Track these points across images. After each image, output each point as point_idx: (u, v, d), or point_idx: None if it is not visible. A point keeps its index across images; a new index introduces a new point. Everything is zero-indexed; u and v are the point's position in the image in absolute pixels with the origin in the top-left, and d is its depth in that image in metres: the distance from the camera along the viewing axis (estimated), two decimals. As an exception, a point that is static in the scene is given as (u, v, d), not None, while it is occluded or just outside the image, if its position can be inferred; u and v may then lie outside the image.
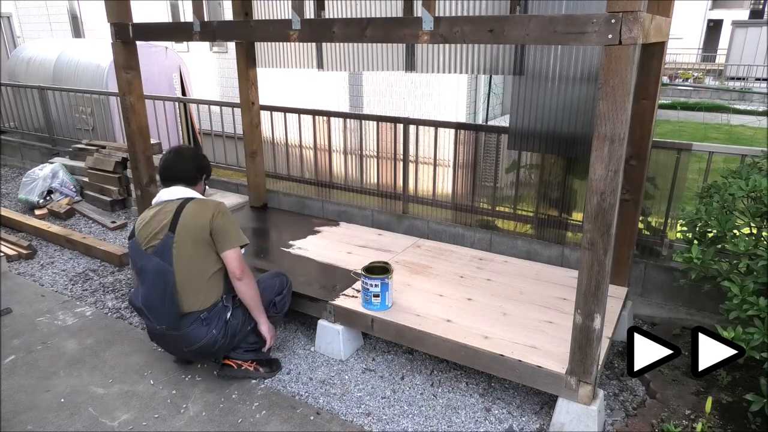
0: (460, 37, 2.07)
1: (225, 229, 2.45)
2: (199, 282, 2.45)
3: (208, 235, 2.43)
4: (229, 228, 2.47)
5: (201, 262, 2.45)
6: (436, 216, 4.10)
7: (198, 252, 2.44)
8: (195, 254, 2.43)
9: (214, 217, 2.44)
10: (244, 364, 2.69)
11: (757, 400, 2.16)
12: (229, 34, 3.00)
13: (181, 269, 2.41)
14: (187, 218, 2.42)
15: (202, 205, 2.49)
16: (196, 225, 2.42)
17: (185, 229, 2.41)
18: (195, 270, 2.44)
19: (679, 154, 3.14)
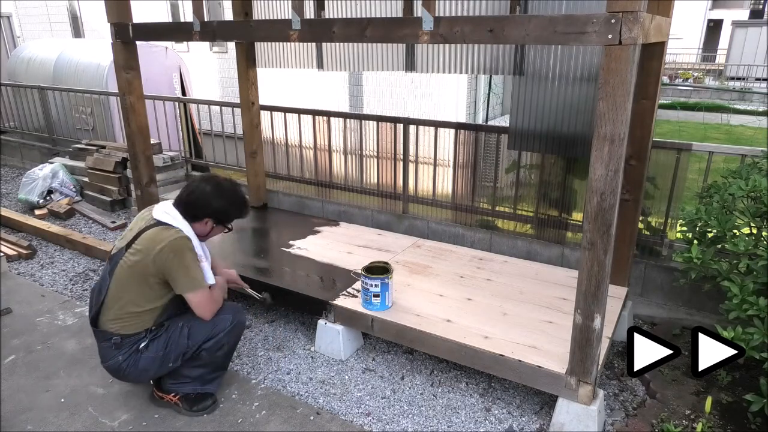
0: (460, 37, 2.07)
1: (174, 270, 2.20)
2: (123, 310, 2.26)
3: (151, 276, 2.21)
4: (180, 270, 2.20)
5: (134, 296, 2.24)
6: (436, 216, 4.10)
7: (134, 287, 2.24)
8: (130, 288, 2.24)
9: (158, 254, 2.17)
10: (167, 396, 2.46)
11: (757, 400, 2.16)
12: (229, 34, 3.00)
13: (114, 292, 2.25)
14: (138, 246, 2.22)
15: (157, 236, 2.21)
16: (140, 261, 2.20)
17: (131, 258, 2.22)
18: (125, 299, 2.25)
19: (679, 154, 3.14)
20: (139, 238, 2.24)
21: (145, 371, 2.35)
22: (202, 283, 2.28)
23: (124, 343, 2.29)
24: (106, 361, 2.35)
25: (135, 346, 2.30)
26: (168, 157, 5.22)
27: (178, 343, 2.32)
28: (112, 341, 2.29)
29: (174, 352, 2.33)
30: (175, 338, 2.32)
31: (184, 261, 2.22)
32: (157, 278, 2.23)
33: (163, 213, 2.29)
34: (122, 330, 2.29)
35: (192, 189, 2.34)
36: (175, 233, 2.24)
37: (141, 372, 2.34)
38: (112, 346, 2.30)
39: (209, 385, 2.49)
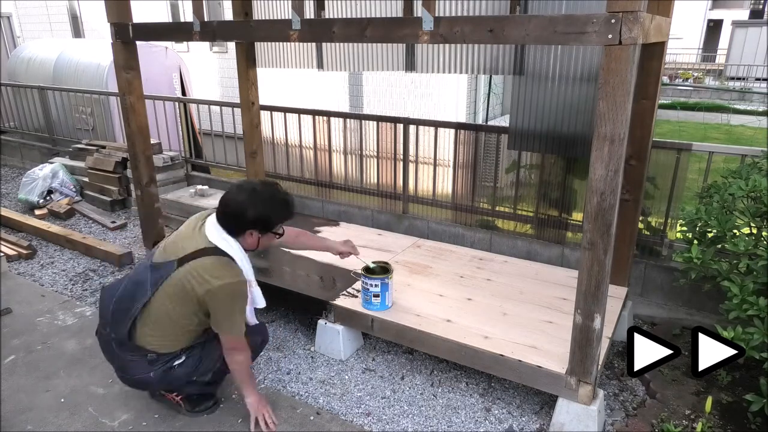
0: (460, 37, 2.07)
1: (220, 311, 2.15)
2: (163, 328, 2.19)
3: (197, 305, 2.14)
4: (226, 312, 2.15)
5: (177, 316, 2.17)
6: (436, 216, 4.10)
7: (179, 308, 2.16)
8: (175, 308, 2.16)
9: (211, 295, 2.10)
10: (168, 395, 2.44)
11: (757, 400, 2.16)
12: (229, 34, 3.00)
13: (156, 306, 2.16)
14: (190, 271, 2.11)
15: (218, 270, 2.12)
16: (191, 288, 2.11)
17: (180, 281, 2.12)
18: (165, 316, 2.17)
19: (679, 154, 3.14)
20: (197, 261, 2.12)
21: (170, 383, 2.31)
22: (240, 331, 2.20)
23: (159, 360, 2.21)
24: (133, 375, 2.25)
25: (169, 364, 2.23)
26: (168, 157, 5.22)
27: (211, 358, 2.30)
28: (147, 358, 2.20)
29: (204, 367, 2.32)
30: (208, 354, 2.30)
31: (236, 306, 2.17)
32: (204, 308, 2.16)
33: (221, 240, 2.17)
34: (160, 348, 2.20)
35: (227, 201, 2.20)
36: (237, 276, 2.14)
37: (167, 384, 2.32)
38: (145, 362, 2.21)
39: (212, 386, 2.50)
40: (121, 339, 2.21)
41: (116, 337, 2.23)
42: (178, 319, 2.18)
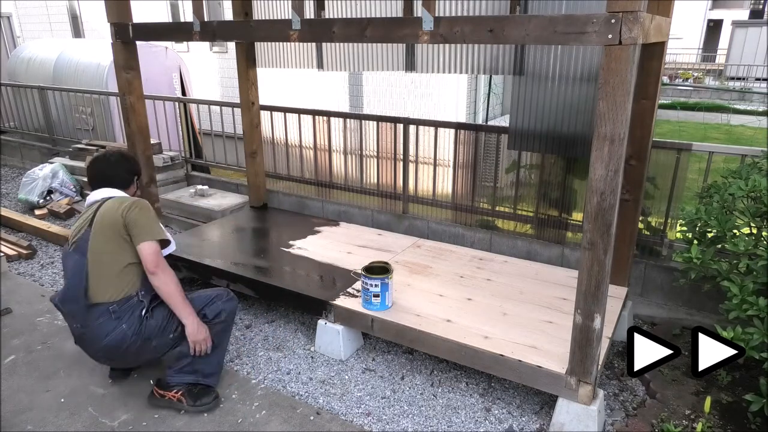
0: (460, 37, 2.07)
1: (139, 222, 2.36)
2: (109, 273, 2.35)
3: (122, 228, 2.34)
4: (144, 221, 2.37)
5: (113, 254, 2.35)
6: (436, 216, 4.10)
7: (111, 245, 2.35)
8: (108, 247, 2.35)
9: (129, 209, 2.36)
10: (168, 393, 2.47)
11: (756, 400, 2.16)
12: (229, 34, 3.00)
13: (94, 260, 2.34)
14: (103, 212, 2.38)
15: (119, 200, 2.42)
16: (110, 218, 2.35)
17: (100, 223, 2.36)
18: (106, 261, 2.35)
19: (679, 154, 3.14)
20: (98, 212, 2.38)
21: (148, 341, 2.37)
22: (158, 235, 2.40)
23: (122, 311, 2.34)
24: (107, 335, 2.32)
25: (137, 313, 2.36)
26: (168, 157, 5.22)
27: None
28: (110, 310, 2.33)
29: (176, 318, 2.40)
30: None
31: (150, 214, 2.42)
32: (127, 232, 2.36)
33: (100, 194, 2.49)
34: (115, 296, 2.34)
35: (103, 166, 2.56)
36: (134, 198, 2.50)
37: (145, 342, 2.37)
38: (111, 317, 2.33)
39: (210, 378, 2.53)
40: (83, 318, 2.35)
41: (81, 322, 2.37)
42: (114, 257, 2.35)
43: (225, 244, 3.76)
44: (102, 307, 2.33)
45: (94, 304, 2.34)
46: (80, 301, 2.34)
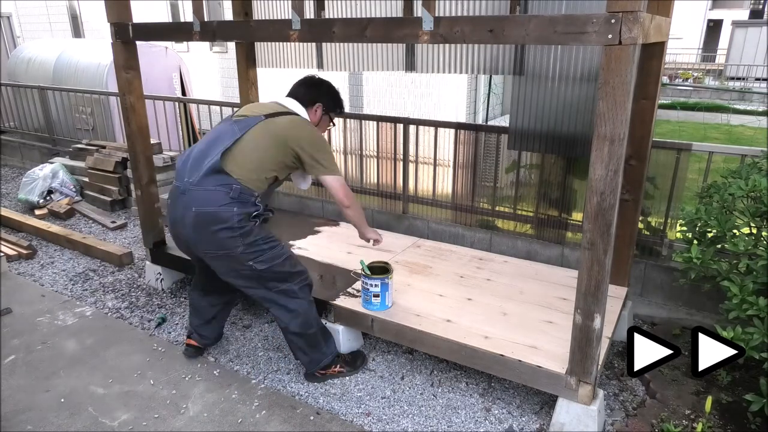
0: (460, 37, 2.07)
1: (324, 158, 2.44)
2: (252, 160, 2.35)
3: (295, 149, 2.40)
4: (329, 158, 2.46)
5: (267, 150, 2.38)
6: (436, 216, 4.10)
7: (274, 146, 2.39)
8: (269, 144, 2.38)
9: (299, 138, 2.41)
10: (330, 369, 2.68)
11: (756, 400, 2.16)
12: (229, 34, 3.00)
13: (248, 140, 2.36)
14: (289, 121, 2.45)
15: (306, 123, 2.50)
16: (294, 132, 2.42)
17: (276, 124, 2.42)
18: (257, 152, 2.36)
19: (679, 154, 3.14)
20: (282, 117, 2.45)
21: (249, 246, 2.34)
22: (335, 169, 2.49)
23: (241, 196, 2.31)
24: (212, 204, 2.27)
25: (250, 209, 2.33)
26: (168, 157, 5.22)
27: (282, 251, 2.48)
28: (233, 187, 2.29)
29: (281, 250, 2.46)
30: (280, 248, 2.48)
31: (325, 149, 2.49)
32: (294, 152, 2.41)
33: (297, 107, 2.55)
34: (243, 180, 2.32)
35: (305, 78, 2.66)
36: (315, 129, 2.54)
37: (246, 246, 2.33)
38: (227, 191, 2.29)
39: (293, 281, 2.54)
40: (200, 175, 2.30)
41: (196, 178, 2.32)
42: (265, 154, 2.38)
43: (225, 244, 3.75)
44: (227, 177, 2.30)
45: (220, 170, 2.30)
46: (210, 159, 2.31)
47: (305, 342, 2.60)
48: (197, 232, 2.33)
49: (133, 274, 3.92)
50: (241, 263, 2.37)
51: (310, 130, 2.48)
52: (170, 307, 3.44)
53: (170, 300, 3.54)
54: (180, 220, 2.37)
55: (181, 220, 2.36)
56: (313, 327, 2.59)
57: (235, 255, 2.34)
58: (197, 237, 2.34)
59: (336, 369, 2.71)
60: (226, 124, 2.48)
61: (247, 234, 2.34)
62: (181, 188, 2.36)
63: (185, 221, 2.34)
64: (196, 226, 2.32)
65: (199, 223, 2.31)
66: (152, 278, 3.72)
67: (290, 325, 2.53)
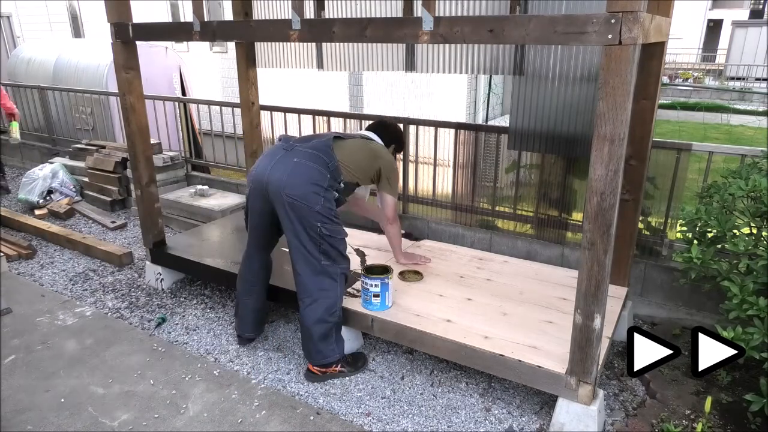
0: (460, 37, 2.07)
1: (392, 179, 2.93)
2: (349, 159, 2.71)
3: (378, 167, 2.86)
4: (395, 181, 2.97)
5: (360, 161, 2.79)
6: (436, 216, 4.10)
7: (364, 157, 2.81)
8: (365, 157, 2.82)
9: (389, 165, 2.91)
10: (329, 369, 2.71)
11: (756, 400, 2.16)
12: (229, 34, 3.00)
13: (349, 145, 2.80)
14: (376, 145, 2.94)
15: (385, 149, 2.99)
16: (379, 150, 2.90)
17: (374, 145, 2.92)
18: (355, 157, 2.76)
19: (679, 154, 3.14)
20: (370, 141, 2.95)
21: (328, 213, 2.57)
22: (395, 194, 3.00)
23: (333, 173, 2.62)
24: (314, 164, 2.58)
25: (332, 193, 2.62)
26: (168, 157, 5.22)
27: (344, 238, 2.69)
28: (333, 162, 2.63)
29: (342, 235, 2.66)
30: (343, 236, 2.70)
31: (396, 177, 3.00)
32: (379, 169, 2.88)
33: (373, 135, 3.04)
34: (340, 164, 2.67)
35: (383, 122, 3.21)
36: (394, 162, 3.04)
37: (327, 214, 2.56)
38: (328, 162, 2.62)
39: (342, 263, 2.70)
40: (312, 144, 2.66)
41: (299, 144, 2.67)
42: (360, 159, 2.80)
43: (225, 244, 3.76)
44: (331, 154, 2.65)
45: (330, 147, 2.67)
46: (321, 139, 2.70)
47: (321, 330, 2.61)
48: (292, 177, 2.55)
49: (133, 274, 3.92)
50: (312, 220, 2.53)
51: (392, 160, 3.00)
52: (170, 307, 3.44)
53: (170, 300, 3.54)
54: (274, 165, 2.59)
55: (275, 164, 2.59)
56: (335, 317, 2.66)
57: (311, 211, 2.53)
58: (289, 180, 2.54)
59: (337, 368, 2.71)
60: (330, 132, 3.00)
61: (328, 201, 2.59)
62: (287, 146, 2.66)
63: (282, 165, 2.58)
64: (293, 172, 2.56)
65: (296, 171, 2.56)
66: (152, 278, 3.72)
67: (313, 306, 2.60)
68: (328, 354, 2.67)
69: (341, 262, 2.67)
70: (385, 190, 2.95)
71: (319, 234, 2.54)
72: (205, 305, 3.47)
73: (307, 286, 2.61)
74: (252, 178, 2.68)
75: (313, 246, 2.56)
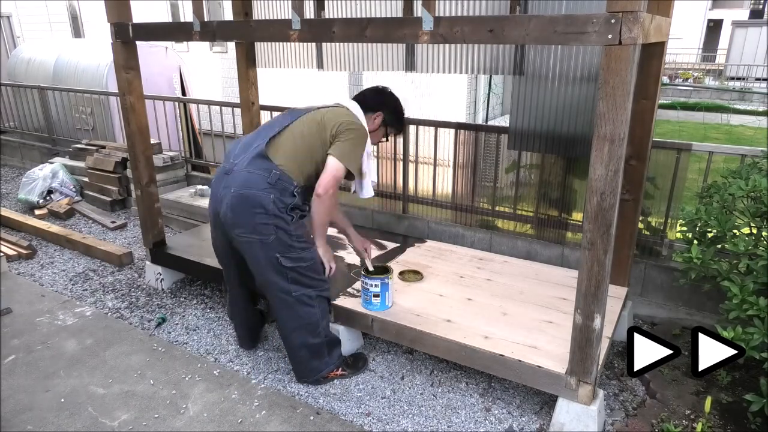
0: (460, 37, 2.07)
1: (343, 139, 2.42)
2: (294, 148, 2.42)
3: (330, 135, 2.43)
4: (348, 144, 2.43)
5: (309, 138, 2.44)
6: (436, 216, 4.10)
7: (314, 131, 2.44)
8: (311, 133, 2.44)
9: (347, 126, 2.44)
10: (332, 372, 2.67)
11: (756, 400, 2.16)
12: (229, 34, 3.00)
13: (295, 126, 2.46)
14: (333, 110, 2.52)
15: (350, 115, 2.51)
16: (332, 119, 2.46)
17: (322, 113, 2.49)
18: (302, 136, 2.44)
19: (679, 154, 3.14)
20: (334, 108, 2.54)
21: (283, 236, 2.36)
22: (348, 164, 2.44)
23: (279, 183, 2.36)
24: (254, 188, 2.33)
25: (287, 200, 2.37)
26: (168, 157, 5.23)
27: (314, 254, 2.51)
28: (273, 171, 2.36)
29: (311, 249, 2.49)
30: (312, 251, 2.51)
31: (357, 142, 2.46)
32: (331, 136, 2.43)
33: (355, 108, 2.58)
34: (283, 166, 2.38)
35: (373, 87, 2.71)
36: (363, 126, 2.53)
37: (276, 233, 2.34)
38: (268, 176, 2.35)
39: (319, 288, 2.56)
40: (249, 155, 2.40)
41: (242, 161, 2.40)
42: (307, 143, 2.43)
43: (225, 244, 3.75)
44: (269, 163, 2.37)
45: (264, 155, 2.38)
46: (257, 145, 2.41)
47: (308, 353, 2.59)
48: (235, 212, 2.36)
49: (133, 274, 3.92)
50: (270, 253, 2.38)
51: (352, 120, 2.48)
52: (170, 307, 3.44)
53: (170, 300, 3.54)
54: (220, 199, 2.43)
55: (221, 200, 2.43)
56: (321, 336, 2.59)
57: (267, 243, 2.36)
58: (234, 218, 2.37)
59: (337, 372, 2.70)
60: (281, 115, 2.61)
61: (281, 226, 2.37)
62: (226, 168, 2.45)
63: (225, 201, 2.40)
64: (235, 207, 2.36)
65: (237, 204, 2.36)
66: (152, 278, 3.72)
67: (294, 333, 2.55)
68: (322, 368, 2.64)
69: (316, 285, 2.53)
70: (332, 152, 2.42)
71: (280, 266, 2.40)
72: (205, 305, 3.47)
73: (282, 319, 2.56)
74: (210, 217, 2.56)
75: (280, 278, 2.43)
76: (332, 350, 2.68)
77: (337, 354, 2.71)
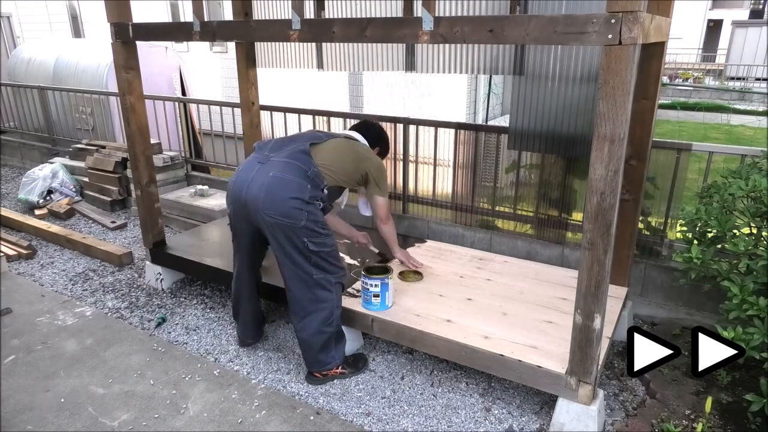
0: (460, 37, 2.07)
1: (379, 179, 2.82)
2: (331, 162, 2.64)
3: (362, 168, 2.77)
4: (383, 181, 2.85)
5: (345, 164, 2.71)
6: (436, 216, 4.10)
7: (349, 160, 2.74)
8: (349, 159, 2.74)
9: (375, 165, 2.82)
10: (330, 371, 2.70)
11: (757, 400, 2.16)
12: (229, 34, 3.00)
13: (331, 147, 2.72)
14: (358, 145, 2.86)
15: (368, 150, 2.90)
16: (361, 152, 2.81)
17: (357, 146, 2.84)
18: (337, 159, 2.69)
19: (679, 154, 3.14)
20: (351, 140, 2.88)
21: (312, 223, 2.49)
22: (384, 194, 2.90)
23: (313, 180, 2.53)
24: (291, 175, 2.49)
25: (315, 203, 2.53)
26: (168, 157, 5.22)
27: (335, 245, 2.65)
28: (312, 169, 2.54)
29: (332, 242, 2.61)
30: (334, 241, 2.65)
31: (385, 178, 2.88)
32: (365, 172, 2.79)
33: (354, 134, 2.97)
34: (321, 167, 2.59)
35: (369, 123, 3.13)
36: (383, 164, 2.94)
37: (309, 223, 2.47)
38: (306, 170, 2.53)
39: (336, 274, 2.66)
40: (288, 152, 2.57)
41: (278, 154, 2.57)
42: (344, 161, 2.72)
43: (225, 244, 3.75)
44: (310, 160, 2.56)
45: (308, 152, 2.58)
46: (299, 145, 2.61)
47: (319, 341, 2.61)
48: (270, 194, 2.45)
49: (133, 274, 3.92)
50: (297, 237, 2.47)
51: (379, 161, 2.92)
52: (170, 307, 3.44)
53: (170, 300, 3.54)
54: (250, 182, 2.50)
55: (250, 183, 2.50)
56: (333, 327, 2.63)
57: (296, 227, 2.46)
58: (267, 198, 2.45)
59: (338, 371, 2.71)
60: (308, 131, 3.00)
61: (312, 213, 2.50)
62: (261, 159, 2.58)
63: (257, 183, 2.48)
64: (271, 189, 2.46)
65: (274, 186, 2.46)
66: (152, 278, 3.72)
67: (309, 317, 2.58)
68: (328, 362, 2.67)
69: (335, 271, 2.63)
70: (375, 193, 2.86)
71: (305, 249, 2.49)
72: (205, 305, 3.47)
73: (300, 302, 2.59)
74: (230, 199, 2.60)
75: (303, 261, 2.52)
76: (338, 343, 2.71)
77: (342, 347, 2.73)
